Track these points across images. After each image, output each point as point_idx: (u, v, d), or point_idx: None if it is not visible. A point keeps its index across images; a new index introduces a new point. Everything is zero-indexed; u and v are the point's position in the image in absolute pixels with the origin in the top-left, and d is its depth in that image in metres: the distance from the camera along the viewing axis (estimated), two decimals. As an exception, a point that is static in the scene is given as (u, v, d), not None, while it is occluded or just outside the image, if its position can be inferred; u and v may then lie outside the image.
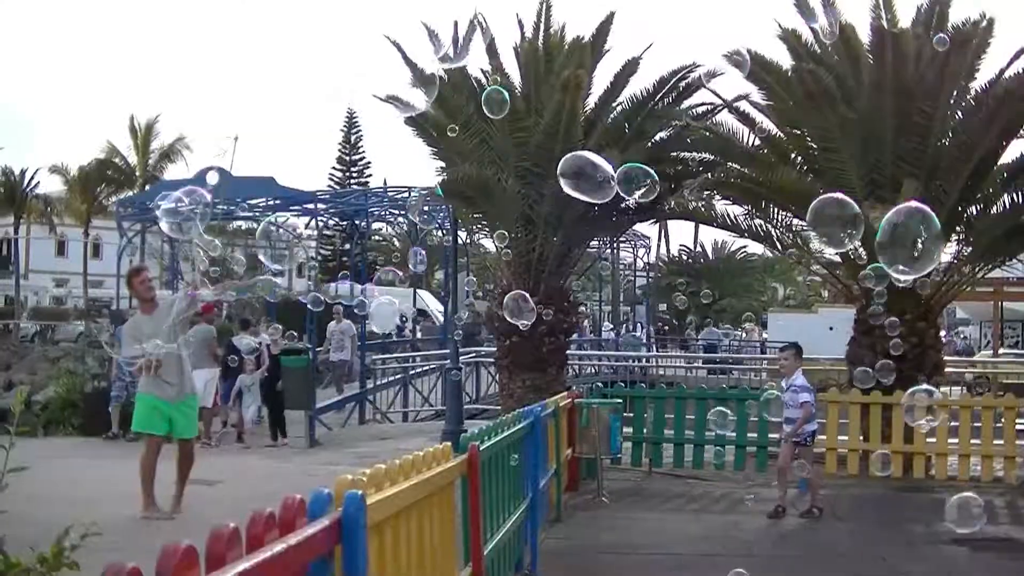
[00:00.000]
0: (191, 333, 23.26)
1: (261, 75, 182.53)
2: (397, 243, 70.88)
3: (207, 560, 3.15)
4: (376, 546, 4.97)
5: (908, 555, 11.38)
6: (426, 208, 28.55)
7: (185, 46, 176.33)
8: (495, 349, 21.90)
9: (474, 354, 29.61)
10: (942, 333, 20.38)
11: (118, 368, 21.55)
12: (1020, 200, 17.73)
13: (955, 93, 17.71)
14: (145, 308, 13.67)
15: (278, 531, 3.76)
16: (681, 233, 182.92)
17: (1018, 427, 16.59)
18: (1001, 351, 43.41)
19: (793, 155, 19.01)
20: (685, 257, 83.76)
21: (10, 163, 74.99)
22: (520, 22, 20.82)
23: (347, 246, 59.73)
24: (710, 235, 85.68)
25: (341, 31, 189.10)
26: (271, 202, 35.12)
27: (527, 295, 10.61)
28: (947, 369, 19.92)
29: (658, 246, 75.71)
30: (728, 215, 19.78)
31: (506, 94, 11.03)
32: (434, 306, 50.78)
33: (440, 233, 38.79)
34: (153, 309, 13.51)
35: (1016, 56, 17.17)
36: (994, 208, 18.24)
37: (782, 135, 19.06)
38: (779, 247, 20.24)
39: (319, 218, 37.87)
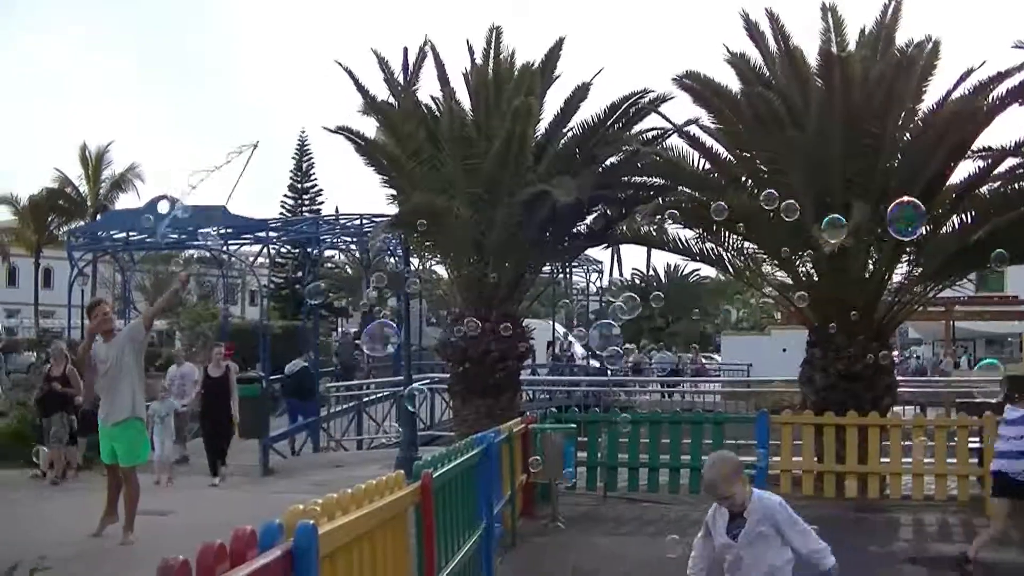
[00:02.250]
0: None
1: (213, 102, 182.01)
2: (349, 271, 70.68)
3: (156, 594, 3.12)
4: (329, 576, 4.93)
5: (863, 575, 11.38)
6: (383, 238, 28.47)
7: (137, 74, 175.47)
8: (448, 376, 21.82)
9: (428, 381, 29.53)
10: (895, 353, 20.46)
11: None
12: (969, 220, 17.83)
13: (903, 115, 17.81)
14: (106, 337, 13.78)
15: (229, 563, 3.72)
16: (634, 257, 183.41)
17: (971, 446, 16.64)
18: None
19: (743, 178, 19.06)
20: (638, 281, 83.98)
21: (-43, 194, 74.43)
22: (470, 48, 20.84)
23: (299, 274, 59.60)
24: (663, 259, 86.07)
25: (294, 57, 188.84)
26: (223, 230, 35.01)
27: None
28: (900, 389, 19.98)
29: (611, 270, 75.91)
30: (679, 239, 19.81)
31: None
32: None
33: (393, 260, 38.72)
34: (111, 338, 13.69)
35: (962, 78, 17.31)
36: (944, 228, 18.34)
37: (732, 159, 19.11)
38: (731, 270, 20.27)
39: (271, 246, 37.81)
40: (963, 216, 18.03)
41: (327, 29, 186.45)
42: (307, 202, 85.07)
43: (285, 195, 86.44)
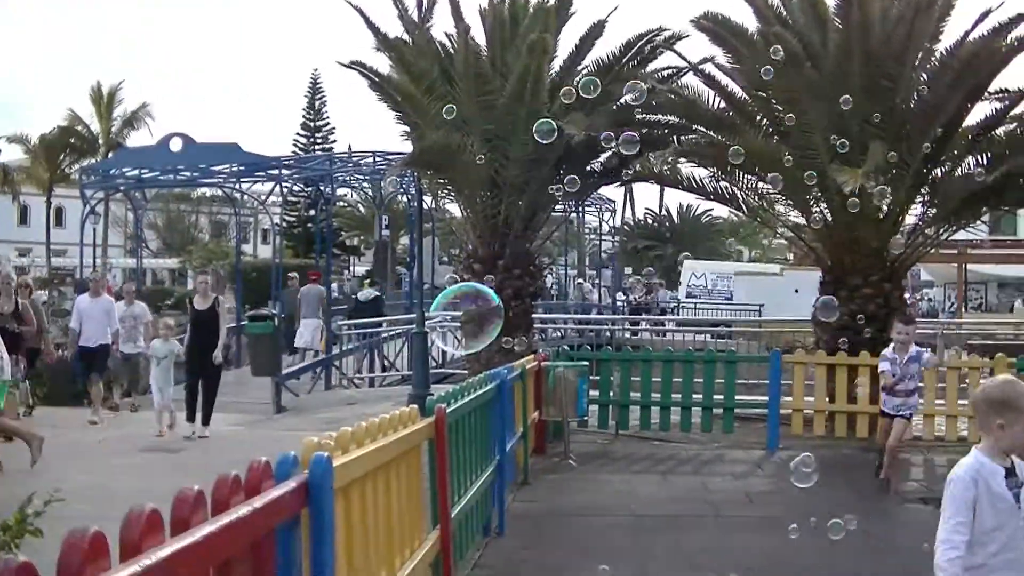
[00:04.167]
0: (304, 291, 24.33)
1: (225, 39, 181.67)
2: (362, 209, 70.60)
3: (172, 524, 3.12)
4: (343, 509, 4.95)
5: (872, 513, 11.41)
6: (398, 178, 28.45)
7: (147, 12, 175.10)
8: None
9: (441, 318, 29.50)
10: (907, 295, 20.41)
11: None
12: (984, 162, 17.78)
13: (920, 56, 17.72)
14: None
15: (244, 494, 3.72)
16: (647, 196, 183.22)
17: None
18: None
19: (759, 118, 18.99)
20: (651, 221, 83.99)
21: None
22: (487, -15, 20.72)
23: (312, 212, 59.52)
24: (675, 198, 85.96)
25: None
26: (235, 168, 34.98)
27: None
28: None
29: (623, 210, 75.87)
30: (693, 178, 19.75)
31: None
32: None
33: (405, 199, 38.63)
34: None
35: (981, 18, 17.19)
36: (959, 170, 18.29)
37: (748, 98, 19.03)
38: (744, 210, 20.23)
39: (284, 184, 37.76)
40: (978, 158, 17.98)
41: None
42: (320, 141, 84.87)
43: (298, 133, 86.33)
